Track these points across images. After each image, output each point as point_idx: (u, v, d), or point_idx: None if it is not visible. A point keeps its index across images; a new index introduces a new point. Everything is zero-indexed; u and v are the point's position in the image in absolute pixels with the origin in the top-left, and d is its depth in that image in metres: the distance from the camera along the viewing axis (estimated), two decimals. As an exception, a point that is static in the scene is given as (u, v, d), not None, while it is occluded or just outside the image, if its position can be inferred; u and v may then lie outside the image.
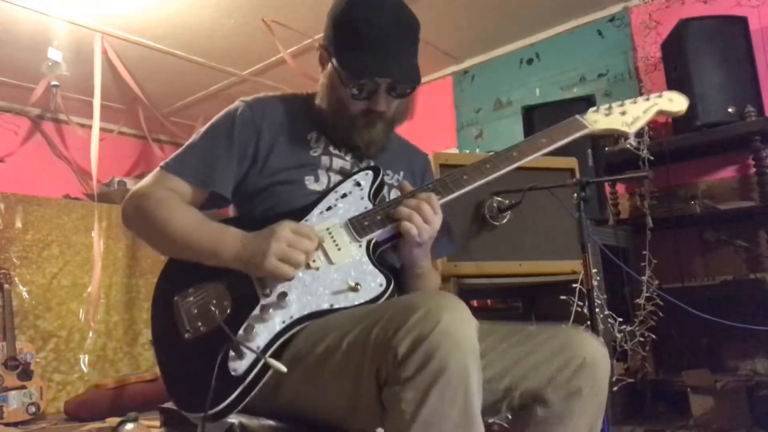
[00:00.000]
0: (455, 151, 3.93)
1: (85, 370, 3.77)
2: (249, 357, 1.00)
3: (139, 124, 4.74)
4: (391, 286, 1.06)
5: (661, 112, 1.28)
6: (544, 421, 1.07)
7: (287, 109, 1.29)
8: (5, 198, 3.64)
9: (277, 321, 1.04)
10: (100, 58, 3.67)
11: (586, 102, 2.78)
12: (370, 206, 1.18)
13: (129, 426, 2.38)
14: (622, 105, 1.28)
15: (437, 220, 1.13)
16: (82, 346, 3.79)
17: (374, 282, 1.07)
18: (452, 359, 0.84)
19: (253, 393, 0.99)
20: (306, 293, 1.06)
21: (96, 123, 3.86)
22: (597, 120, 1.27)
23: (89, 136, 3.95)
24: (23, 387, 3.27)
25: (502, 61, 4.00)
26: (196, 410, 0.97)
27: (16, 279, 3.54)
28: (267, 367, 0.98)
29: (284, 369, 0.96)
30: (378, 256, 1.14)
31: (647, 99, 1.29)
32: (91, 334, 3.82)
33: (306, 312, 1.04)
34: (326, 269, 1.09)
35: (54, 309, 3.69)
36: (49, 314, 3.66)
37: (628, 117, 1.26)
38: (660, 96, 1.30)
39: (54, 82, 3.96)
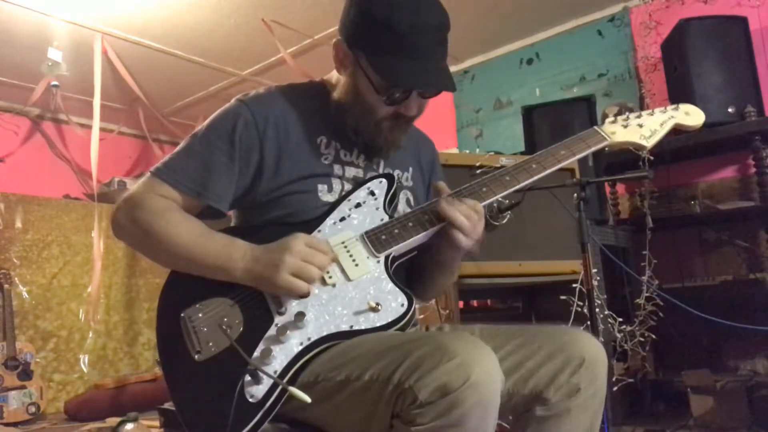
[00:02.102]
0: (455, 151, 3.93)
1: (85, 370, 3.77)
2: (266, 382, 0.95)
3: (139, 124, 4.74)
4: (413, 307, 1.02)
5: (677, 126, 1.27)
6: (544, 420, 1.07)
7: (292, 107, 1.17)
8: (5, 198, 3.64)
9: (294, 343, 0.99)
10: (100, 58, 3.67)
11: (586, 102, 2.78)
12: (385, 217, 1.13)
13: (129, 426, 2.38)
14: (639, 116, 1.27)
15: (481, 226, 1.12)
16: (82, 346, 3.79)
17: (395, 302, 1.02)
18: (474, 414, 0.84)
19: (269, 418, 0.95)
20: (324, 312, 1.02)
21: (96, 123, 3.86)
22: (615, 132, 1.24)
23: (89, 136, 3.95)
24: (23, 387, 3.28)
25: (502, 61, 4.00)
26: None
27: (16, 279, 3.54)
28: (284, 392, 0.94)
29: (308, 399, 0.92)
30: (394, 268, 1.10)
31: (664, 111, 1.28)
32: (91, 334, 3.83)
33: (324, 333, 1.00)
34: (343, 286, 1.05)
35: (54, 309, 3.69)
36: (49, 314, 3.66)
37: (645, 130, 1.24)
38: (676, 108, 1.28)
39: (54, 82, 3.96)
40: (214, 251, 1.05)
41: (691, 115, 1.27)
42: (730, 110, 2.61)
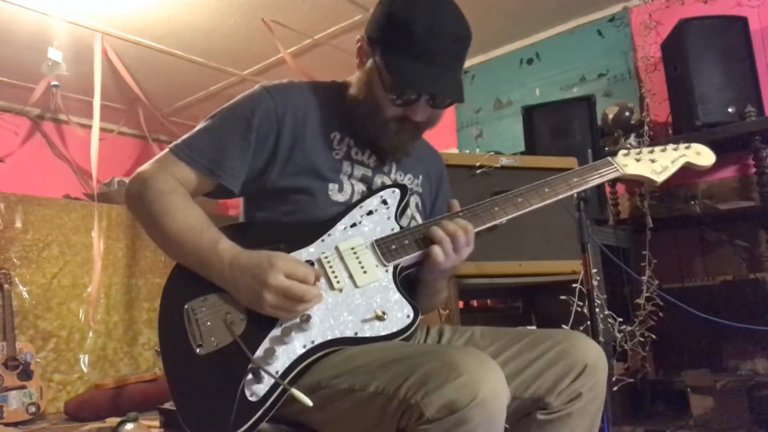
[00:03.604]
0: (455, 151, 3.93)
1: (85, 370, 3.77)
2: (267, 382, 0.95)
3: (139, 124, 4.74)
4: (418, 319, 1.02)
5: (689, 164, 1.31)
6: (544, 424, 1.07)
7: (311, 101, 1.20)
8: (5, 198, 3.64)
9: (297, 345, 0.99)
10: (100, 58, 3.67)
11: (586, 102, 2.78)
12: (396, 227, 1.13)
13: (129, 426, 2.38)
14: (652, 152, 1.31)
15: (467, 252, 1.12)
16: (82, 346, 3.79)
17: (401, 312, 1.03)
18: (480, 431, 0.84)
19: (268, 417, 0.94)
20: (329, 316, 1.02)
21: (96, 123, 3.86)
22: (627, 164, 1.28)
23: (89, 136, 3.95)
24: (23, 387, 3.27)
25: (502, 61, 4.00)
26: None
27: (16, 279, 3.54)
28: (284, 393, 0.94)
29: (310, 403, 0.91)
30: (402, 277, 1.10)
31: (676, 148, 1.32)
32: (91, 334, 3.82)
33: (329, 337, 1.00)
34: (350, 291, 1.05)
35: (54, 309, 3.69)
36: (49, 314, 3.66)
37: (657, 165, 1.29)
38: (688, 147, 1.33)
39: (54, 82, 3.96)
40: (196, 251, 1.05)
41: (702, 155, 1.33)
42: (730, 110, 2.61)
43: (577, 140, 2.72)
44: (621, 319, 2.35)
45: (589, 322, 1.65)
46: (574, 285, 2.07)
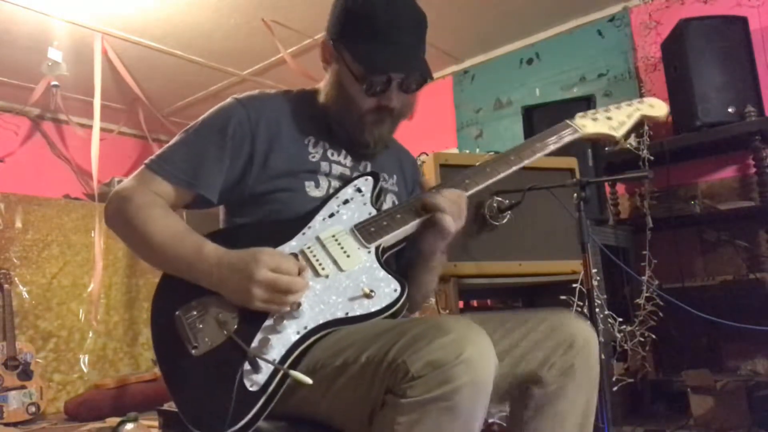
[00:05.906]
0: (455, 151, 3.93)
1: (85, 370, 3.77)
2: (266, 370, 0.96)
3: (139, 124, 4.74)
4: (406, 291, 1.04)
5: (644, 117, 1.35)
6: (541, 400, 1.10)
7: (283, 109, 1.23)
8: (5, 198, 3.64)
9: (291, 332, 1.00)
10: (100, 58, 3.67)
11: (586, 102, 2.78)
12: (373, 211, 1.16)
13: (129, 426, 2.38)
14: (607, 110, 1.35)
15: (465, 213, 1.17)
16: (82, 346, 3.79)
17: (388, 288, 1.05)
18: (465, 391, 0.84)
19: (271, 406, 0.95)
20: (318, 302, 1.03)
21: (96, 123, 3.86)
22: (585, 124, 1.32)
23: (89, 136, 3.95)
24: (23, 387, 3.28)
25: (502, 61, 4.00)
26: (213, 430, 0.93)
27: (16, 279, 3.54)
28: (284, 379, 0.95)
29: (309, 381, 0.92)
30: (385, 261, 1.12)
31: (630, 104, 1.36)
32: (91, 334, 3.83)
33: (321, 321, 1.01)
34: (336, 276, 1.06)
35: (54, 309, 3.69)
36: (49, 314, 3.66)
37: (614, 122, 1.32)
38: (641, 102, 1.37)
39: (54, 82, 3.95)
40: (183, 256, 1.06)
41: (655, 107, 1.37)
42: (730, 110, 2.61)
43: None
44: (621, 319, 2.35)
45: (589, 322, 1.65)
46: (574, 285, 2.07)
